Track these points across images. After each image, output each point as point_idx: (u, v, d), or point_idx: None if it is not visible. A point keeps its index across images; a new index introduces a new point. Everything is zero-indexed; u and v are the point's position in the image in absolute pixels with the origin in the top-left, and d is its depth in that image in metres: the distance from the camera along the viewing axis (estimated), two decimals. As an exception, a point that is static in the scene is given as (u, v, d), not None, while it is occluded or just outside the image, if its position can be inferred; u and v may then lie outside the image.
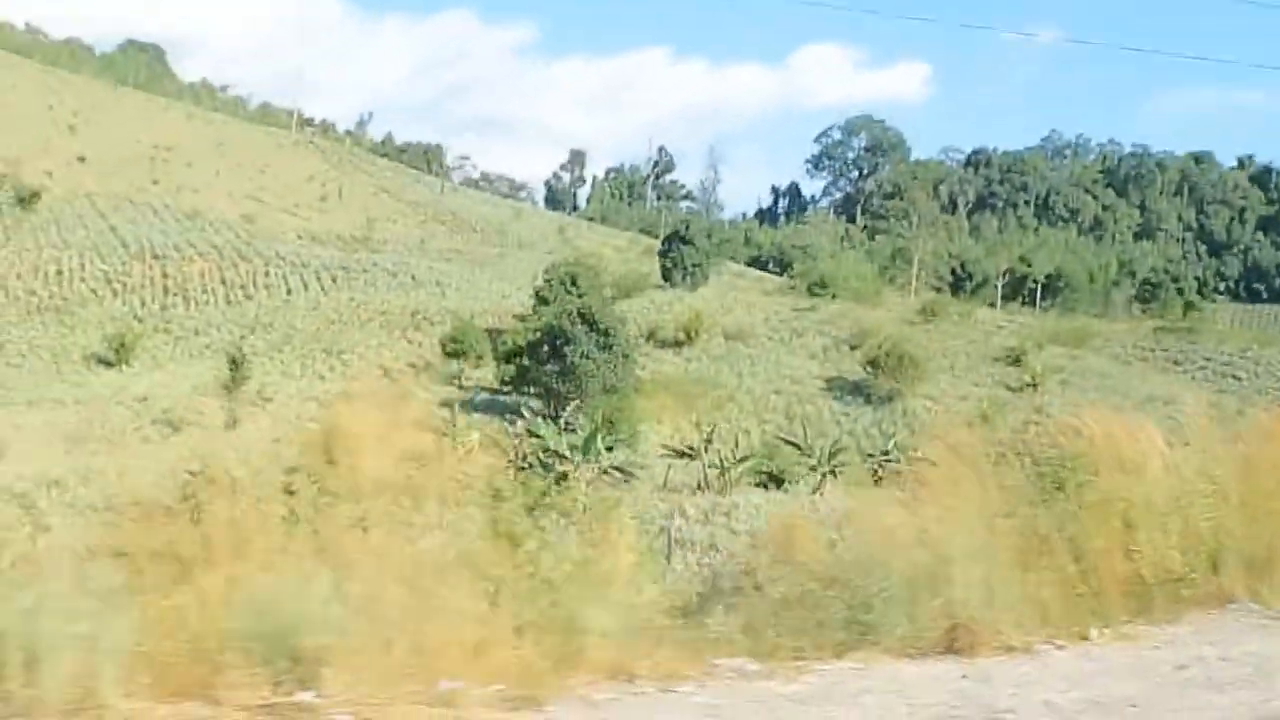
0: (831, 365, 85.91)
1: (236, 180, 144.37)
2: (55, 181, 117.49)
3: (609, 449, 62.88)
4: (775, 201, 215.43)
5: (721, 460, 54.05)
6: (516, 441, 54.78)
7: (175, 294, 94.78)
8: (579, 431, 55.50)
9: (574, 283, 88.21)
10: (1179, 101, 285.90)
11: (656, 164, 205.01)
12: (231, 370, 66.89)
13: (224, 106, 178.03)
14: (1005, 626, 9.04)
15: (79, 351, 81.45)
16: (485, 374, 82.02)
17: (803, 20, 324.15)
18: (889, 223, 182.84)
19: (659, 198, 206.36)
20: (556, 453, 49.64)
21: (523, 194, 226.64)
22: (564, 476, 51.10)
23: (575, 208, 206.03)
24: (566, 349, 70.37)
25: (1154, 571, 11.48)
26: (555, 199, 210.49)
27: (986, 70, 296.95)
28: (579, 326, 70.90)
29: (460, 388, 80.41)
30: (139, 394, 72.38)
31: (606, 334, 71.07)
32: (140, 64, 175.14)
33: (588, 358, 69.91)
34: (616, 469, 49.90)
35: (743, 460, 54.96)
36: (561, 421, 55.06)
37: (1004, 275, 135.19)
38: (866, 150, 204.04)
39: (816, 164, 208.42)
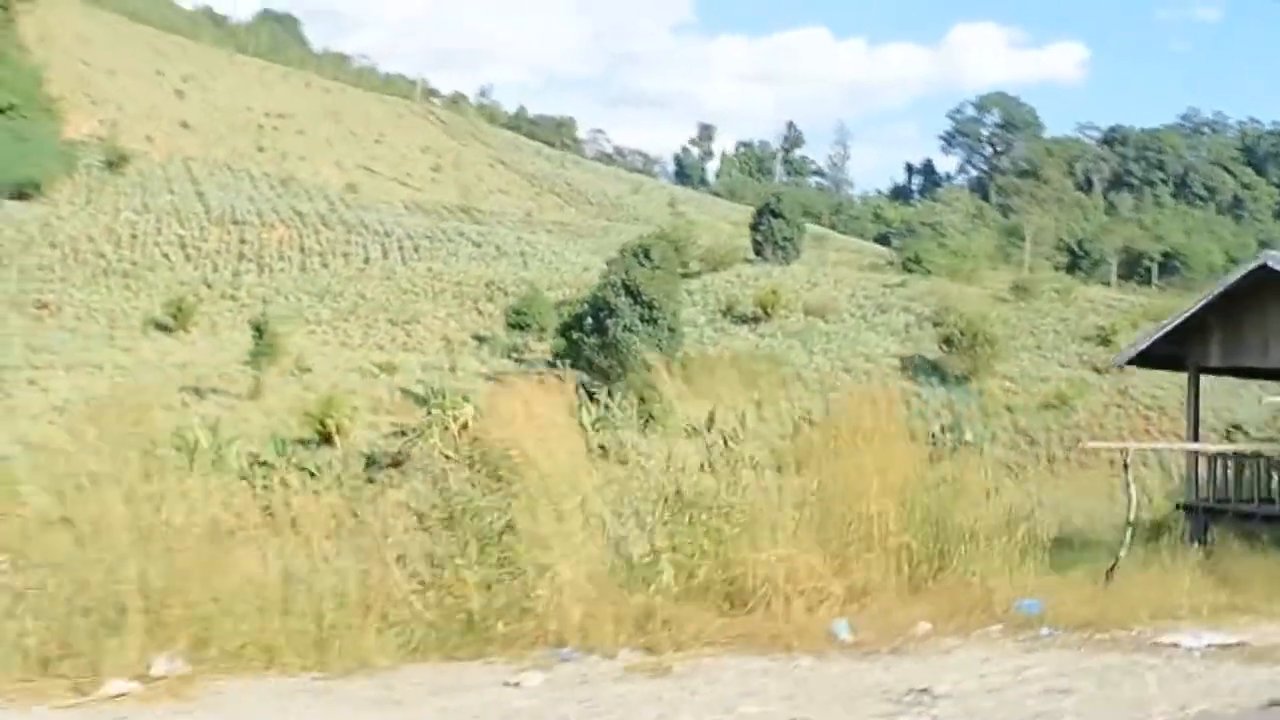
0: (913, 343, 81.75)
1: (348, 149, 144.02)
2: (155, 146, 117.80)
3: (643, 422, 60.11)
4: (909, 178, 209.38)
5: (725, 439, 50.46)
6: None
7: (250, 260, 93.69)
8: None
9: (647, 255, 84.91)
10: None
11: (786, 139, 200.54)
12: (256, 338, 65.02)
13: (349, 77, 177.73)
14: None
15: (139, 317, 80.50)
16: (548, 346, 79.59)
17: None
18: (1023, 200, 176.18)
19: (788, 173, 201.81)
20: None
21: (656, 168, 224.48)
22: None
23: (704, 182, 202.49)
24: (609, 322, 67.30)
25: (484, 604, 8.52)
26: (684, 173, 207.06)
27: (1143, 50, 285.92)
28: (622, 298, 67.75)
29: (518, 360, 78.08)
30: (181, 361, 71.07)
31: (651, 307, 67.75)
32: (263, 33, 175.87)
33: (630, 331, 66.73)
34: (601, 447, 46.39)
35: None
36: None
37: (1120, 253, 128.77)
38: (1000, 127, 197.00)
39: (950, 141, 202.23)
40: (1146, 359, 25.99)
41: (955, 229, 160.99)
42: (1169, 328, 23.85)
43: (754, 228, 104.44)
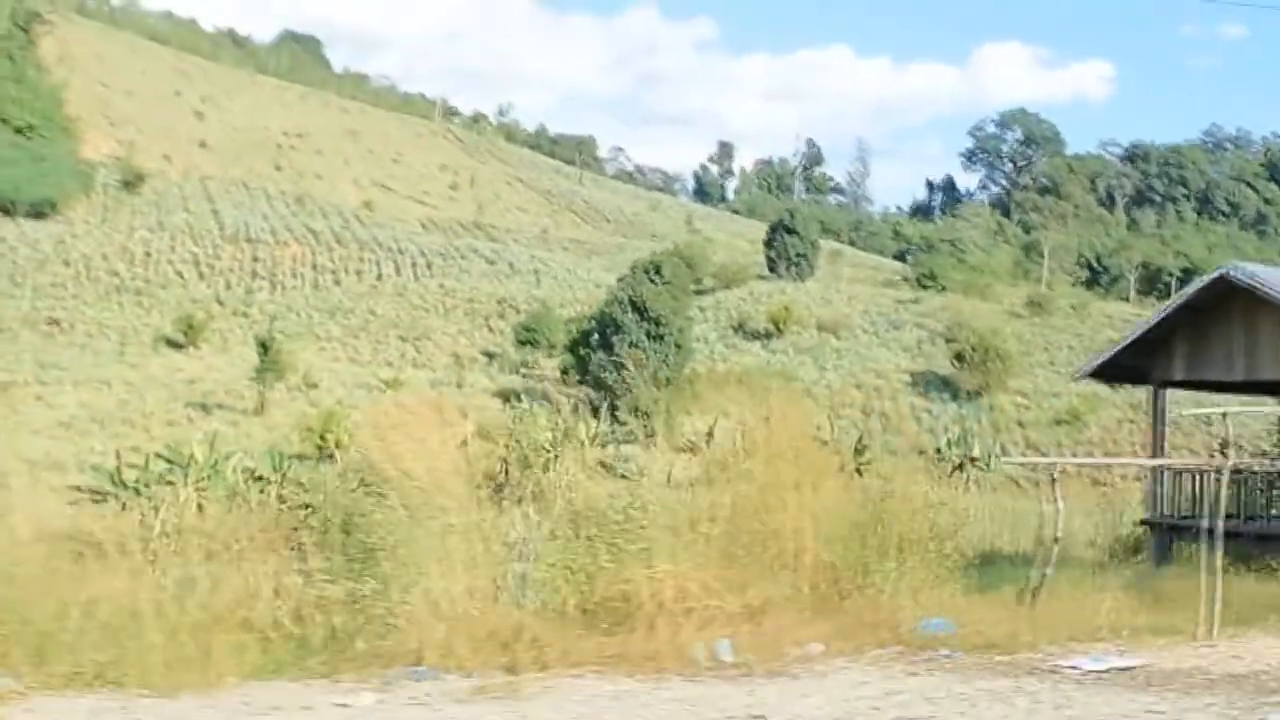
0: (925, 359, 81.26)
1: (366, 167, 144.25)
2: (172, 166, 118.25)
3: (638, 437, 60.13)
4: (930, 195, 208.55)
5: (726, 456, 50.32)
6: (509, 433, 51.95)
7: (263, 278, 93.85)
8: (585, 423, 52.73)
9: (658, 272, 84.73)
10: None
11: (806, 156, 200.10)
12: (261, 354, 65.06)
13: (367, 97, 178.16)
14: None
15: (150, 333, 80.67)
16: (557, 363, 79.47)
17: (987, 19, 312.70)
18: (1041, 216, 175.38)
19: (808, 190, 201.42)
20: (538, 445, 46.51)
21: (676, 186, 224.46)
22: (545, 468, 48.29)
23: (724, 200, 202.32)
24: (615, 338, 67.07)
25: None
26: (703, 191, 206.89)
27: (1168, 67, 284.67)
28: (629, 315, 67.53)
29: (526, 377, 77.94)
30: (190, 377, 71.13)
31: (657, 323, 67.50)
32: (284, 54, 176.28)
33: (636, 347, 66.45)
34: (602, 464, 46.32)
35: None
36: (559, 413, 51.99)
37: (1139, 269, 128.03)
38: (1020, 144, 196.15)
39: (970, 157, 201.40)
40: (1113, 372, 25.40)
41: (976, 245, 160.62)
42: (1131, 340, 23.37)
43: (768, 244, 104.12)
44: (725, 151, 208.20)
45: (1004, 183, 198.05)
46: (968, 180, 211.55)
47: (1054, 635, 10.51)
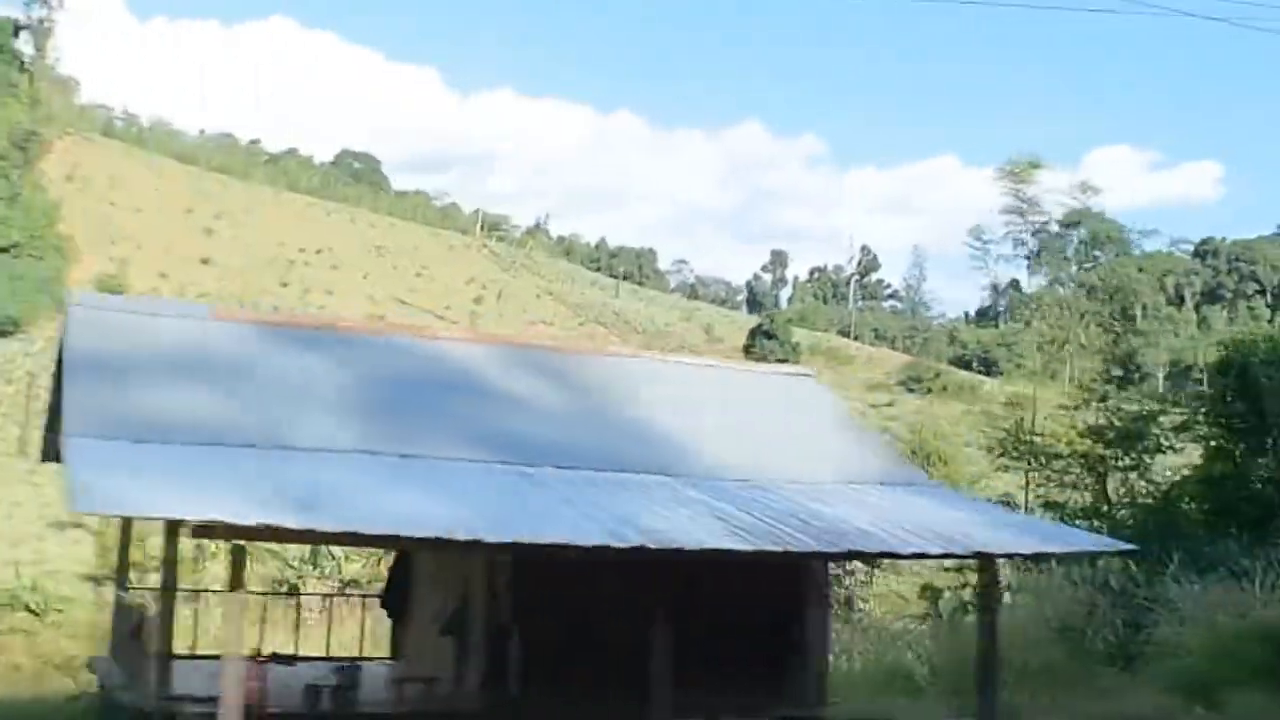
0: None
1: (386, 282, 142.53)
2: (167, 283, 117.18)
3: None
4: (995, 299, 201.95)
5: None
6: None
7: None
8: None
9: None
10: None
11: (860, 264, 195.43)
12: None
13: (406, 212, 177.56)
14: None
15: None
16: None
17: (1097, 124, 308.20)
18: (1070, 315, 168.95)
19: (863, 298, 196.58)
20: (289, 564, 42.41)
21: (740, 297, 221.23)
22: (294, 590, 43.88)
23: (777, 308, 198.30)
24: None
25: None
26: (756, 300, 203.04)
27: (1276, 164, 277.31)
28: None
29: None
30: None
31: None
32: (326, 173, 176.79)
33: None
34: (352, 582, 41.71)
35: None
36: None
37: (1164, 366, 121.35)
38: (1083, 244, 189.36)
39: (1032, 259, 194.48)
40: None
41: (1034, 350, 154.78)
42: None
43: (746, 350, 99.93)
44: (779, 259, 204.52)
45: (1071, 284, 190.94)
46: (1034, 284, 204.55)
47: None
